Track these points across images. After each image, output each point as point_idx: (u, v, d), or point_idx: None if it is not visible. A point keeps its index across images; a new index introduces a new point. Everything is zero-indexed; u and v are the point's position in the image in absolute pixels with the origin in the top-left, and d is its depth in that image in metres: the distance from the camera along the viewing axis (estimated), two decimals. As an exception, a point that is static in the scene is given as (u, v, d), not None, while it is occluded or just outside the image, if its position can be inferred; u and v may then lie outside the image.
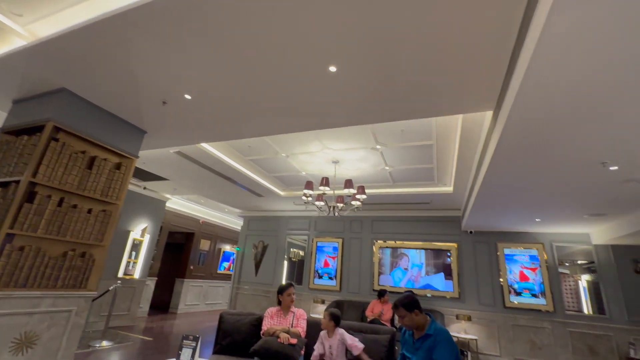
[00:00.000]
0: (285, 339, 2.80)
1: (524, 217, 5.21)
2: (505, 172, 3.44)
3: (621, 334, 5.15)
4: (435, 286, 6.37)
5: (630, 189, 3.49)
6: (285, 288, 3.26)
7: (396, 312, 2.42)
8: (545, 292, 5.73)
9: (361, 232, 7.36)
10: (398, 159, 4.75)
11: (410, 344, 2.46)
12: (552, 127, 2.45)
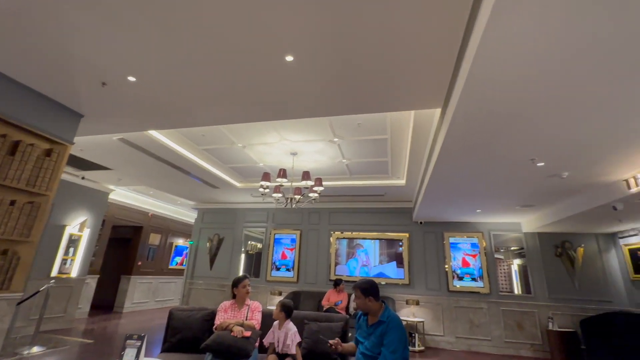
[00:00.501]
0: (239, 332, 2.76)
1: (467, 209, 5.66)
2: (451, 167, 3.70)
3: (543, 310, 5.89)
4: (388, 274, 6.70)
5: (554, 182, 3.95)
6: (239, 280, 3.20)
7: (354, 292, 2.53)
8: (483, 276, 6.32)
9: (319, 224, 7.46)
10: (355, 152, 4.86)
11: (364, 329, 2.56)
12: (491, 126, 2.68)
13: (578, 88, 2.12)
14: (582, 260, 6.06)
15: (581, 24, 1.59)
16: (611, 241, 5.98)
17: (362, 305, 2.52)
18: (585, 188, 4.12)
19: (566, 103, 2.30)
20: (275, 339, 2.91)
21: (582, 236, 6.17)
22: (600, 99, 2.23)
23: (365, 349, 2.45)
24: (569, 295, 5.91)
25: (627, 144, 2.88)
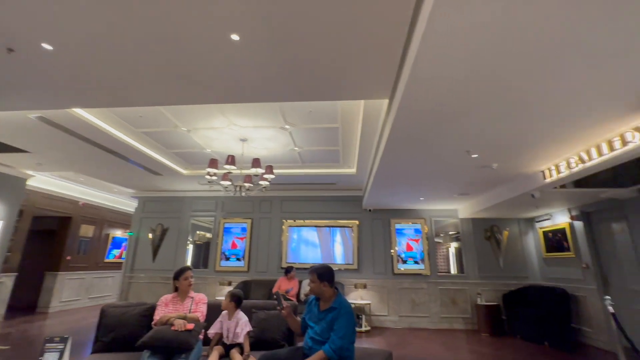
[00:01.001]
0: (180, 325, 2.63)
1: (411, 197, 6.02)
2: (397, 157, 3.87)
3: (473, 287, 6.56)
4: (338, 260, 6.90)
5: (485, 173, 4.35)
6: (181, 272, 3.03)
7: (310, 276, 2.55)
8: (425, 259, 6.82)
9: (270, 212, 7.37)
10: (306, 140, 4.84)
11: (315, 314, 2.60)
12: (432, 119, 2.83)
13: (502, 89, 2.33)
14: (506, 242, 6.84)
15: (504, 33, 1.73)
16: (530, 225, 6.83)
17: (316, 289, 2.55)
18: (511, 178, 4.61)
19: (493, 101, 2.51)
20: (224, 329, 2.85)
21: (508, 221, 6.95)
22: (519, 100, 2.48)
23: (315, 334, 2.50)
24: (495, 273, 6.66)
25: (542, 140, 3.25)
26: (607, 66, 2.06)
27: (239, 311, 2.93)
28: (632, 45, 1.88)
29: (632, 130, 2.85)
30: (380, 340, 5.35)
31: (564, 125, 2.93)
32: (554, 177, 3.90)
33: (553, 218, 6.08)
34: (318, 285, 2.54)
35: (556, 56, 1.98)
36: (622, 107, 2.58)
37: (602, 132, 3.05)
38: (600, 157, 3.20)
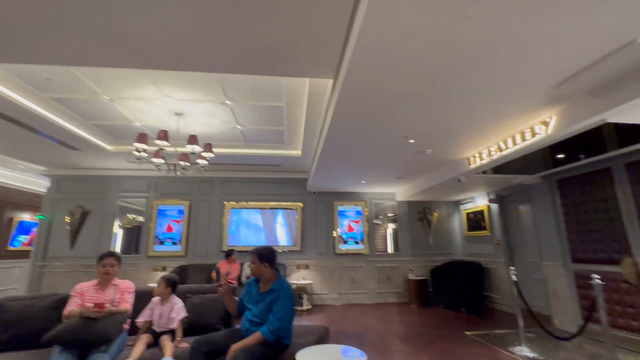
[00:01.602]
0: (90, 311, 2.35)
1: (353, 180, 6.20)
2: (340, 140, 3.91)
3: (406, 264, 7.13)
4: (282, 242, 6.89)
5: (420, 158, 4.65)
6: (99, 258, 2.72)
7: (250, 257, 2.51)
8: (364, 240, 7.18)
9: (211, 194, 7.01)
10: (250, 118, 4.61)
11: (254, 296, 2.54)
12: (372, 103, 2.88)
13: (432, 81, 2.46)
14: (436, 222, 7.52)
15: (431, 29, 1.80)
16: (456, 207, 7.58)
17: (256, 270, 2.52)
18: (442, 164, 5.00)
19: (425, 91, 2.65)
20: (155, 315, 2.66)
21: (438, 203, 7.62)
22: (447, 91, 2.66)
23: (253, 316, 2.46)
24: (425, 251, 7.30)
25: (468, 129, 3.56)
26: (519, 65, 2.29)
27: (174, 296, 2.77)
28: (540, 48, 2.10)
29: (539, 124, 3.25)
30: (320, 317, 5.55)
31: (486, 117, 3.22)
32: (477, 163, 4.33)
33: (475, 201, 6.82)
34: (258, 266, 2.50)
35: (474, 55, 2.15)
36: (533, 103, 2.91)
37: (517, 125, 3.43)
38: (514, 147, 3.62)
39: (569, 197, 4.56)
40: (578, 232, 4.39)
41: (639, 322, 3.58)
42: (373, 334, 4.46)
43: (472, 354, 3.59)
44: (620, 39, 2.04)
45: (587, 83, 2.48)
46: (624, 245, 3.77)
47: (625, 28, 1.94)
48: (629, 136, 3.41)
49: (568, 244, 4.52)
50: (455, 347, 3.86)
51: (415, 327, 4.85)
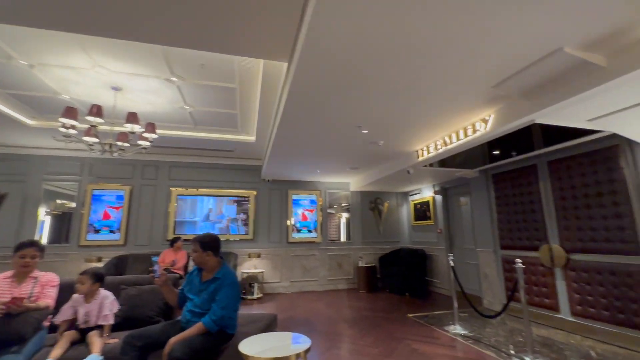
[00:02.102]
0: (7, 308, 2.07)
1: (308, 168, 6.19)
2: (294, 126, 3.83)
3: (356, 252, 7.37)
4: (234, 231, 6.68)
5: (373, 149, 4.76)
6: (16, 249, 2.39)
7: (192, 245, 2.39)
8: (317, 228, 7.25)
9: (156, 179, 6.51)
10: (199, 99, 4.32)
11: (196, 285, 2.42)
12: (326, 89, 2.85)
13: (382, 73, 2.50)
14: (386, 212, 7.85)
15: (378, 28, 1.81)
16: (405, 198, 7.98)
17: (199, 259, 2.40)
18: (393, 155, 5.19)
19: (377, 82, 2.68)
20: (81, 315, 2.39)
21: (389, 194, 7.95)
22: (396, 85, 2.71)
23: (194, 306, 2.34)
24: (375, 239, 7.61)
25: (417, 124, 3.71)
26: (462, 65, 2.41)
27: (100, 291, 2.51)
28: (480, 51, 2.22)
29: (480, 121, 3.50)
30: (270, 305, 5.53)
31: (434, 112, 3.38)
32: (425, 156, 4.55)
33: (422, 192, 7.24)
34: (201, 255, 2.39)
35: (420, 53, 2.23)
36: (476, 101, 3.11)
37: (461, 121, 3.66)
38: (458, 141, 3.86)
39: (501, 190, 5.03)
40: (507, 222, 4.87)
41: (551, 299, 4.12)
42: (322, 319, 4.56)
43: (412, 334, 3.84)
44: (548, 46, 2.24)
45: (520, 86, 2.70)
46: (543, 233, 4.28)
47: (553, 36, 2.13)
48: (552, 136, 3.83)
49: (498, 232, 5.01)
50: (398, 328, 4.09)
51: (363, 311, 5.05)
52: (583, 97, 2.50)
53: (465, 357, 3.14)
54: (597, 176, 3.69)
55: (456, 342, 3.56)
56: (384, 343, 3.55)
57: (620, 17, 1.95)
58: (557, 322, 4.00)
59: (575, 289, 3.84)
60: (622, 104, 2.64)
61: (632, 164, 3.39)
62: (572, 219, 3.94)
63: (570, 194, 3.98)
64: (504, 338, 3.67)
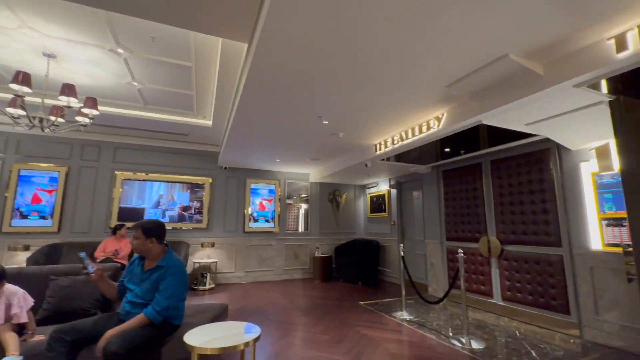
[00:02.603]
0: None
1: (267, 157, 6.07)
2: (253, 112, 3.71)
3: (313, 242, 7.45)
4: (186, 219, 6.36)
5: (333, 140, 4.79)
6: None
7: (134, 232, 2.23)
8: (275, 218, 7.19)
9: (98, 161, 5.94)
10: (151, 75, 3.99)
11: (138, 275, 2.26)
12: (287, 76, 2.78)
13: (341, 64, 2.50)
14: (344, 204, 8.01)
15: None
16: (362, 190, 8.20)
17: (140, 247, 2.24)
18: (352, 148, 5.27)
19: (337, 73, 2.68)
20: None
21: (347, 186, 8.11)
22: (355, 78, 2.74)
23: (135, 296, 2.19)
24: (332, 230, 7.75)
25: (376, 118, 3.79)
26: (420, 63, 2.50)
27: (6, 287, 2.17)
28: (435, 52, 2.32)
29: (434, 119, 3.67)
30: (222, 295, 5.39)
31: (392, 108, 3.47)
32: (382, 150, 4.69)
33: (378, 186, 7.49)
34: (143, 242, 2.23)
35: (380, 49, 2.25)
36: (431, 99, 3.25)
37: (417, 118, 3.81)
38: (413, 137, 4.02)
39: (449, 186, 5.38)
40: (453, 215, 5.23)
41: (486, 286, 4.53)
42: (275, 309, 4.55)
43: (362, 321, 3.99)
44: (496, 52, 2.39)
45: (470, 87, 2.87)
46: (483, 226, 4.66)
47: (501, 43, 2.28)
48: (496, 138, 4.15)
49: (445, 225, 5.36)
50: (349, 315, 4.23)
51: (317, 300, 5.14)
52: (522, 103, 2.73)
53: (409, 341, 3.34)
54: (531, 176, 4.10)
55: (402, 327, 3.77)
56: (335, 330, 3.65)
57: (557, 31, 2.14)
58: (490, 306, 4.42)
59: (506, 276, 4.26)
60: (554, 111, 2.93)
61: (559, 166, 3.81)
62: (507, 213, 4.34)
63: (507, 191, 4.37)
64: (444, 322, 3.97)
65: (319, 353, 2.99)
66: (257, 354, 2.89)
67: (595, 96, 2.61)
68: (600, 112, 2.76)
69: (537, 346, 3.17)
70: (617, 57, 2.09)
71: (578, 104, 2.75)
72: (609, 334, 3.20)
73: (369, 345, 3.21)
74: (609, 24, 2.06)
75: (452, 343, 3.26)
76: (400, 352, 3.05)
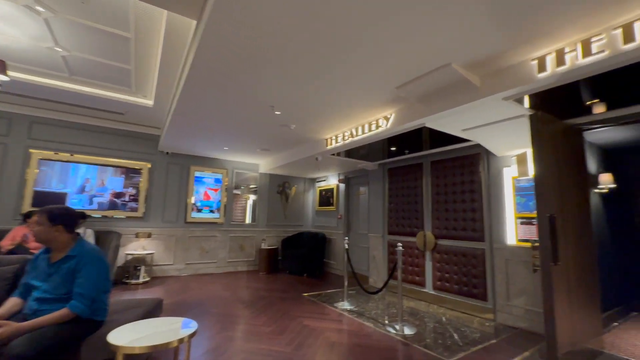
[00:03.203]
0: None
1: (215, 145, 5.77)
2: (200, 98, 3.49)
3: (260, 234, 7.34)
4: (120, 207, 5.78)
5: (285, 132, 4.73)
6: None
7: (37, 218, 1.95)
8: (221, 209, 6.90)
9: (8, 136, 5.08)
10: (78, 42, 3.49)
11: (43, 270, 1.98)
12: (239, 61, 2.66)
13: (294, 56, 2.47)
14: (293, 196, 8.00)
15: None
16: (312, 184, 8.27)
17: (44, 235, 1.96)
18: (304, 141, 5.27)
19: (290, 64, 2.64)
20: None
21: (297, 179, 8.11)
22: (309, 68, 2.73)
23: (44, 292, 1.92)
24: (279, 222, 7.70)
25: (328, 112, 3.82)
26: (371, 62, 2.57)
27: None
28: (385, 54, 2.41)
29: (383, 118, 3.83)
30: (157, 289, 5.04)
31: (344, 103, 3.53)
32: (333, 145, 4.76)
33: (328, 180, 7.61)
34: (47, 230, 1.95)
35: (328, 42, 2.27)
36: (380, 98, 3.37)
37: (368, 116, 3.92)
38: (363, 135, 4.15)
39: (393, 183, 5.68)
40: (395, 211, 5.55)
41: (420, 277, 4.91)
42: (216, 301, 4.40)
43: (305, 312, 4.05)
44: (441, 60, 2.56)
45: (417, 91, 3.04)
46: (420, 222, 5.02)
47: (445, 52, 2.45)
48: (437, 140, 4.48)
49: (387, 220, 5.67)
50: (292, 306, 4.26)
51: (260, 291, 5.08)
52: (460, 110, 2.97)
53: (348, 330, 3.49)
54: (463, 177, 4.51)
55: (343, 317, 3.91)
56: (277, 322, 3.65)
57: (493, 47, 2.36)
58: (423, 295, 4.81)
59: (438, 267, 4.66)
60: (485, 120, 3.24)
61: (486, 170, 4.25)
62: (442, 211, 4.73)
63: (443, 190, 4.76)
64: (382, 311, 4.21)
65: (260, 345, 2.97)
66: (193, 350, 2.77)
67: (519, 109, 2.95)
68: (522, 124, 3.12)
69: (459, 330, 3.54)
70: (538, 76, 2.38)
71: (505, 115, 3.08)
72: (517, 316, 3.70)
73: (310, 335, 3.27)
74: (533, 46, 2.33)
75: (387, 330, 3.47)
76: (340, 340, 3.16)
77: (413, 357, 2.83)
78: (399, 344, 3.11)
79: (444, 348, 3.02)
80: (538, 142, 2.81)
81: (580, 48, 2.17)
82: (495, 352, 2.98)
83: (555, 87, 2.44)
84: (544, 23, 2.09)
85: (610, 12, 1.98)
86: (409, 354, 2.90)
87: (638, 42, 1.94)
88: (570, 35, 2.19)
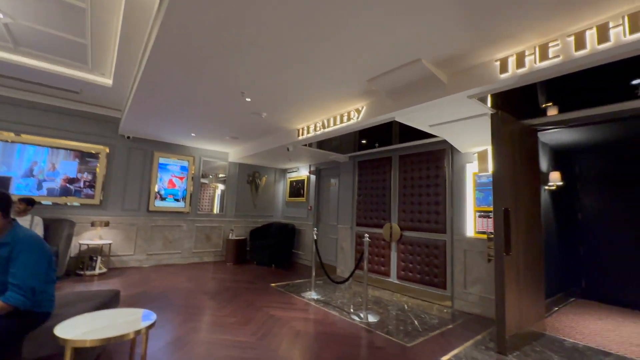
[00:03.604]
0: None
1: (181, 130, 5.51)
2: (164, 80, 3.30)
3: (228, 224, 7.18)
4: (74, 193, 5.36)
5: (256, 120, 4.61)
6: None
7: None
8: (186, 198, 6.65)
9: (-62, 110, 4.51)
10: (23, 9, 3.14)
11: None
12: (207, 43, 2.53)
13: (267, 41, 2.40)
14: (263, 186, 7.89)
15: None
16: (283, 174, 8.20)
17: None
18: (275, 130, 5.18)
19: (261, 50, 2.56)
20: None
21: (267, 169, 7.99)
22: (283, 57, 2.67)
23: (-23, 282, 1.75)
24: (248, 212, 7.57)
25: (300, 102, 3.78)
26: (343, 54, 2.57)
27: None
28: (357, 46, 2.41)
29: (354, 111, 3.85)
30: (115, 281, 4.78)
31: (317, 93, 3.50)
32: (305, 135, 4.72)
33: (299, 171, 7.58)
34: None
35: (296, 34, 2.23)
36: (353, 90, 3.38)
37: (340, 108, 3.92)
38: (335, 126, 4.15)
39: (363, 176, 5.78)
40: (364, 203, 5.66)
41: (385, 267, 5.07)
42: (179, 293, 4.26)
43: (272, 302, 4.04)
44: (411, 55, 2.61)
45: (387, 85, 3.08)
46: (388, 214, 5.17)
47: (416, 48, 2.49)
48: (405, 135, 4.59)
49: (356, 212, 5.77)
50: (259, 297, 4.24)
51: (226, 282, 4.99)
52: (428, 105, 3.06)
53: (314, 318, 3.53)
54: (429, 172, 4.68)
55: (309, 306, 3.96)
56: (242, 312, 3.61)
57: (461, 46, 2.43)
58: (387, 284, 4.98)
59: (402, 258, 4.84)
60: (451, 117, 3.37)
61: (450, 165, 4.44)
62: (408, 203, 4.89)
63: (410, 184, 4.92)
64: (347, 300, 4.31)
65: (224, 336, 2.92)
66: (153, 343, 2.67)
67: (482, 108, 3.09)
68: (484, 122, 3.28)
69: (419, 316, 3.72)
70: (500, 77, 2.50)
71: (469, 113, 3.21)
72: (472, 303, 3.96)
73: (275, 325, 3.27)
74: (497, 48, 2.44)
75: (352, 318, 3.57)
76: (305, 329, 3.20)
77: (375, 343, 2.93)
78: (363, 331, 3.21)
79: (405, 334, 3.16)
80: (497, 140, 2.98)
81: (538, 52, 2.30)
82: (450, 336, 3.16)
83: (515, 88, 2.58)
84: (507, 26, 2.18)
85: (564, 21, 2.11)
86: (372, 340, 3.00)
87: (589, 49, 2.09)
88: (530, 39, 2.32)
